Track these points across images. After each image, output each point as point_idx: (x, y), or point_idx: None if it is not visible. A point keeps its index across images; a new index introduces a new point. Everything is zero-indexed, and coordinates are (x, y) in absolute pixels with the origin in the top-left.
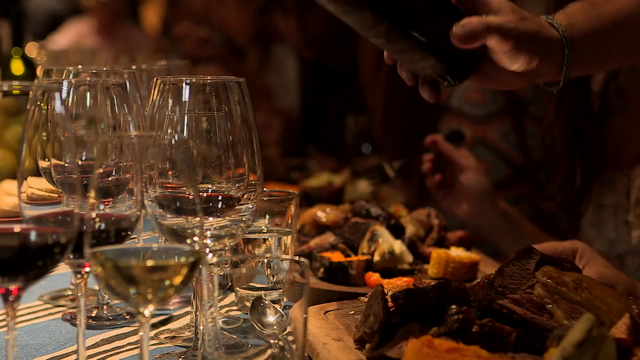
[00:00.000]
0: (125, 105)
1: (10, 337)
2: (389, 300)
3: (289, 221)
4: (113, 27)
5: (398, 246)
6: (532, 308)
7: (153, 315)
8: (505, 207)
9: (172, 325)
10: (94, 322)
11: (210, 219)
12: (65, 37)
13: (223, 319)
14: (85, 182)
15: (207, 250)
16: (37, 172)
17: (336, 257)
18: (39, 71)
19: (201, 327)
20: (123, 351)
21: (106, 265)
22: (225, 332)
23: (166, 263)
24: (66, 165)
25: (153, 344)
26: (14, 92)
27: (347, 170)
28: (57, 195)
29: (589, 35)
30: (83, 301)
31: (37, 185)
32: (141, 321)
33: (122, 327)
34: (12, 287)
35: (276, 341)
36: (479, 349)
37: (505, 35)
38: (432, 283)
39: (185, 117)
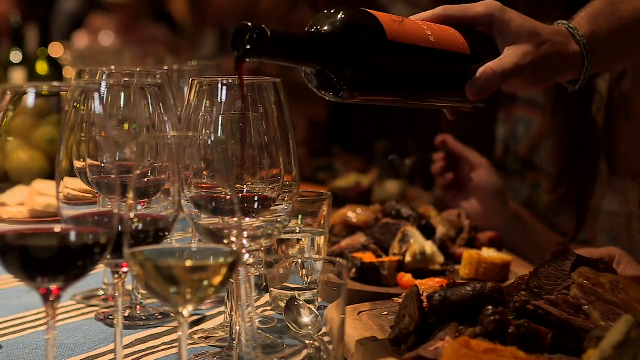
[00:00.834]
0: (162, 105)
1: (50, 336)
2: (424, 300)
3: (322, 222)
4: (133, 26)
5: (429, 247)
6: (568, 309)
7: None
8: (516, 207)
9: (205, 325)
10: (128, 322)
11: (246, 219)
12: (86, 36)
13: (259, 319)
14: (119, 182)
15: (244, 250)
16: (72, 173)
17: (368, 257)
18: (69, 72)
19: (237, 328)
20: (158, 351)
21: (146, 266)
22: (261, 332)
23: (206, 263)
24: (102, 165)
25: (187, 344)
26: (44, 93)
27: (374, 170)
28: (91, 195)
29: (610, 40)
30: (120, 301)
31: (72, 186)
32: (180, 321)
33: (156, 327)
34: (53, 287)
35: (312, 342)
36: (516, 350)
37: (522, 73)
38: (467, 284)
39: (221, 117)
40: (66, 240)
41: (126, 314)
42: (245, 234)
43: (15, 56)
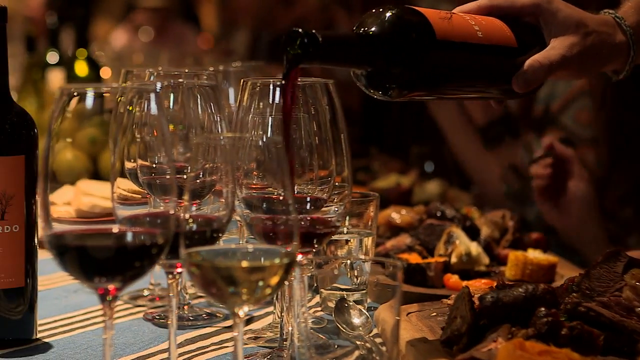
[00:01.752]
0: (214, 106)
1: (107, 336)
2: (475, 302)
3: (369, 222)
4: (165, 28)
5: (474, 248)
6: (621, 311)
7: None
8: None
9: (253, 326)
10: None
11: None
12: (124, 34)
13: (311, 320)
14: (159, 183)
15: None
16: (122, 174)
17: (413, 258)
18: (106, 73)
19: (289, 328)
20: (208, 351)
21: (204, 266)
22: (314, 333)
23: (264, 264)
24: (154, 166)
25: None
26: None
27: (414, 171)
28: (140, 196)
29: None
30: (175, 301)
31: (121, 186)
32: (235, 322)
33: (203, 327)
34: (110, 287)
35: (363, 342)
36: (570, 351)
37: (569, 64)
38: (519, 285)
39: (273, 118)
40: (124, 241)
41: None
42: None
43: (52, 57)
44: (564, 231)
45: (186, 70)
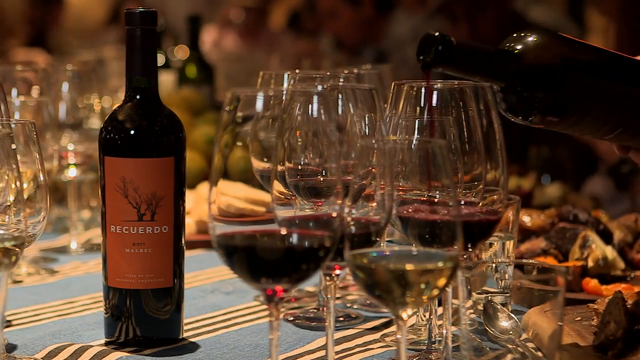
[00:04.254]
0: (370, 109)
1: (274, 337)
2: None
3: (509, 226)
4: (257, 30)
5: (610, 252)
6: None
7: (373, 318)
8: None
9: (395, 328)
10: (315, 323)
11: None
12: (215, 31)
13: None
14: (306, 185)
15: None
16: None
17: (549, 262)
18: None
19: (444, 331)
20: (353, 354)
21: (372, 268)
22: (472, 335)
23: (433, 266)
24: (299, 168)
25: (380, 347)
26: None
27: (533, 174)
28: (283, 197)
29: None
30: (332, 303)
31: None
32: (399, 324)
33: (345, 329)
34: (278, 288)
35: (514, 346)
36: None
37: None
38: None
39: (429, 122)
40: (292, 243)
41: (311, 315)
42: None
43: (158, 59)
44: None
45: (326, 73)
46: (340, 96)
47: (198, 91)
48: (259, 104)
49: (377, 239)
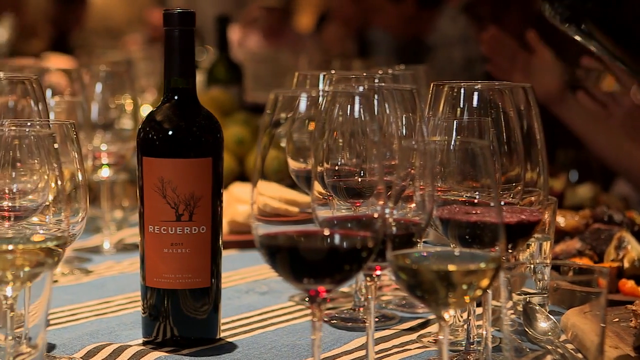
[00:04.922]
0: (406, 110)
1: (316, 337)
2: None
3: (546, 227)
4: (280, 30)
5: None
6: None
7: (409, 319)
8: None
9: (432, 329)
10: (351, 323)
11: None
12: (240, 29)
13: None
14: (344, 185)
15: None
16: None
17: (584, 263)
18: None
19: (483, 332)
20: (391, 354)
21: (414, 269)
22: (513, 336)
23: (477, 267)
24: (337, 168)
25: (417, 347)
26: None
27: (563, 174)
28: (321, 197)
29: None
30: (373, 304)
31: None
32: (441, 325)
33: (382, 329)
34: (321, 289)
35: (554, 347)
36: None
37: None
38: None
39: (470, 122)
40: (335, 244)
41: (347, 316)
42: None
43: None
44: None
45: (364, 74)
46: (378, 97)
47: (227, 91)
48: (302, 105)
49: (418, 240)
